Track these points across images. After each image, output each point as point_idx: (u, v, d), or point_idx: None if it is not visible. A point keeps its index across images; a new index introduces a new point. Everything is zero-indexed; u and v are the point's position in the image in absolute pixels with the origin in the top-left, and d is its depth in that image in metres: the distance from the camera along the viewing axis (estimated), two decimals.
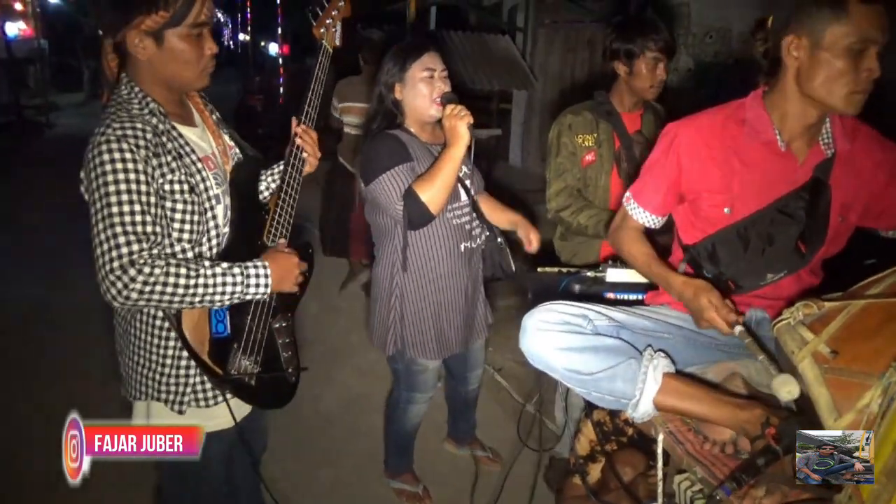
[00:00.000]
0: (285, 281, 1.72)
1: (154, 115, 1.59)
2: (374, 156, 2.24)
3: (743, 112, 1.77)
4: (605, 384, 1.65)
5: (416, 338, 2.42)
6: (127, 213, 1.48)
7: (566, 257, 2.84)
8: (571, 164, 2.67)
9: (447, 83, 2.32)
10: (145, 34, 1.56)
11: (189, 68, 1.63)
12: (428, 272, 2.36)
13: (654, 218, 1.95)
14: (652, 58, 2.53)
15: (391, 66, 2.32)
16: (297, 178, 1.86)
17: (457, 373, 2.84)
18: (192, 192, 1.61)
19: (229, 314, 1.69)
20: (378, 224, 2.38)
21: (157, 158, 1.54)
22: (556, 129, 2.72)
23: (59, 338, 4.13)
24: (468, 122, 2.16)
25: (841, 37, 1.55)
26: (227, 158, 1.79)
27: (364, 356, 4.08)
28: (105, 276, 1.47)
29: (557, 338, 1.65)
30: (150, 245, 1.50)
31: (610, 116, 2.67)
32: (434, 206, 2.17)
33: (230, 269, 1.61)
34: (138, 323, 1.70)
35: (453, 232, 2.36)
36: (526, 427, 2.93)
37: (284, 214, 1.82)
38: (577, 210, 2.64)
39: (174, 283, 1.51)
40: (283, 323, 1.85)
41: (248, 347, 1.73)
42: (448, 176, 2.17)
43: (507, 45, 8.17)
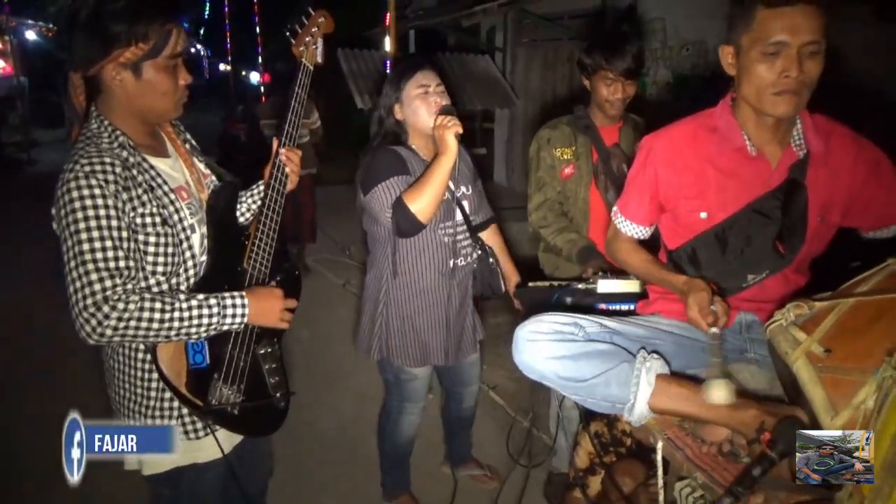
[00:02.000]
0: (266, 316, 1.71)
1: (124, 147, 1.58)
2: (373, 168, 2.29)
3: (713, 120, 1.80)
4: (599, 389, 1.65)
5: (400, 345, 2.47)
6: (98, 249, 1.47)
7: (549, 270, 2.86)
8: (551, 177, 2.70)
9: (445, 97, 2.35)
10: (123, 67, 1.57)
11: (165, 99, 1.64)
12: (414, 283, 2.41)
13: (642, 229, 1.97)
14: (606, 77, 2.57)
15: (388, 89, 2.37)
16: (279, 200, 1.84)
17: (450, 388, 2.84)
18: (165, 224, 1.60)
19: (208, 343, 1.67)
20: (373, 233, 2.44)
21: (128, 192, 1.53)
22: (536, 144, 2.76)
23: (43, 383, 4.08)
24: (456, 131, 2.18)
25: (753, 42, 1.61)
26: (201, 187, 1.78)
27: (358, 380, 4.05)
28: (79, 313, 1.46)
29: (549, 347, 1.65)
30: (124, 280, 1.49)
31: (588, 130, 2.70)
32: (423, 215, 2.19)
33: (206, 300, 1.60)
34: (121, 357, 1.68)
35: (442, 248, 2.40)
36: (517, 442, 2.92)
37: (266, 238, 1.80)
38: (556, 231, 2.68)
39: (149, 318, 1.50)
40: (268, 348, 1.82)
41: (230, 376, 1.71)
42: (436, 185, 2.18)
43: (487, 65, 8.24)
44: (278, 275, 1.86)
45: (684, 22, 6.46)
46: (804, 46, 1.56)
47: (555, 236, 2.67)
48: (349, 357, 4.37)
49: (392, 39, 6.33)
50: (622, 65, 2.54)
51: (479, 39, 9.67)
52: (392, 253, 2.36)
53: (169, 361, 1.62)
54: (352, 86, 7.19)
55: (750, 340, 1.82)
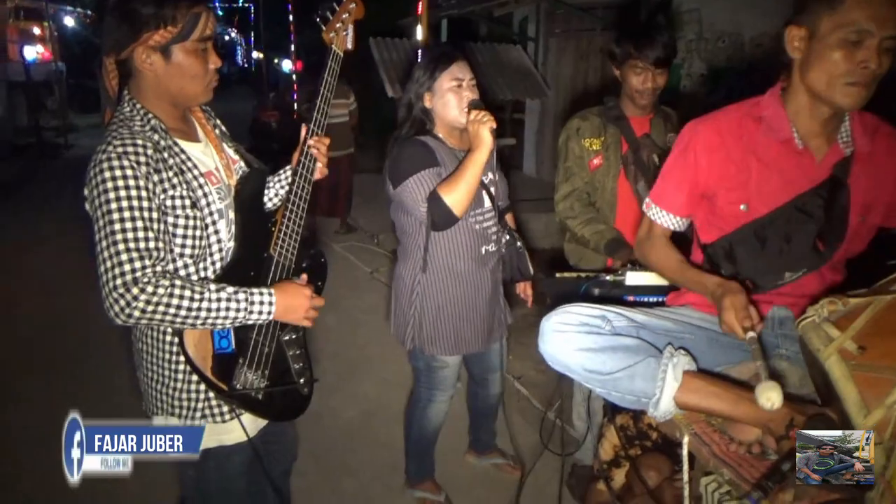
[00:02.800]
0: (292, 313, 1.72)
1: (156, 131, 1.60)
2: (402, 160, 2.30)
3: (760, 109, 1.75)
4: (624, 383, 1.64)
5: (435, 334, 2.47)
6: (129, 229, 1.49)
7: (574, 261, 2.84)
8: (579, 167, 2.68)
9: (475, 91, 2.36)
10: (152, 50, 1.58)
11: (195, 82, 1.65)
12: (448, 272, 2.42)
13: (678, 220, 1.92)
14: (637, 66, 2.54)
15: (421, 76, 2.37)
16: (307, 187, 1.84)
17: (477, 375, 2.84)
18: (194, 208, 1.62)
19: (234, 329, 1.69)
20: (402, 224, 2.44)
21: (159, 174, 1.55)
22: (565, 134, 2.74)
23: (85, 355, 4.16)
24: (491, 126, 2.19)
25: (835, 27, 1.54)
26: (230, 173, 1.79)
27: (383, 367, 4.08)
28: (108, 293, 1.47)
29: (576, 338, 1.64)
30: (154, 262, 1.51)
31: (618, 121, 2.67)
32: (458, 208, 2.21)
33: (235, 294, 1.60)
34: (149, 339, 1.71)
35: (474, 235, 2.41)
36: (547, 433, 2.91)
37: (292, 225, 1.80)
38: (584, 222, 2.65)
39: (177, 304, 1.51)
40: (293, 334, 1.83)
41: (255, 361, 1.72)
42: (471, 180, 2.21)
43: (519, 55, 8.18)
44: (304, 262, 1.86)
45: (720, 13, 6.35)
46: (886, 39, 1.50)
47: (582, 227, 2.65)
48: (375, 344, 4.40)
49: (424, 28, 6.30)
50: (652, 54, 2.50)
51: (511, 29, 9.60)
52: (424, 243, 2.37)
53: (195, 346, 1.64)
54: (383, 74, 7.18)
55: (782, 336, 1.79)
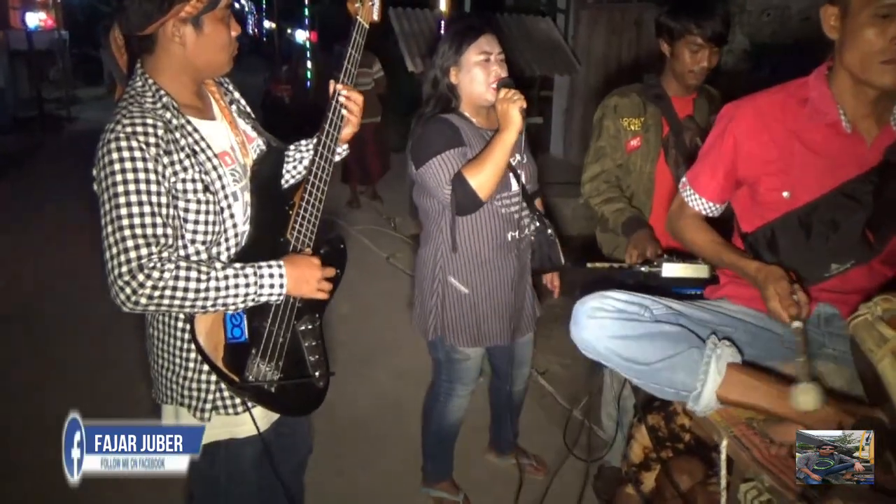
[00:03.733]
0: (304, 285, 1.71)
1: (168, 108, 1.60)
2: (426, 139, 2.30)
3: (805, 91, 1.73)
4: (664, 374, 1.63)
5: (457, 324, 2.47)
6: (136, 214, 1.49)
7: (607, 250, 2.81)
8: (613, 148, 2.66)
9: (504, 67, 2.35)
10: (183, 22, 1.58)
11: (223, 52, 1.66)
12: (472, 258, 2.41)
13: (712, 205, 1.92)
14: (694, 42, 2.49)
15: (446, 50, 2.37)
16: (328, 168, 1.81)
17: (501, 370, 2.84)
18: (207, 191, 1.62)
19: (247, 317, 1.69)
20: (425, 207, 2.44)
21: (169, 156, 1.55)
22: (601, 111, 2.71)
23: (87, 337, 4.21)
24: (521, 106, 2.19)
25: (865, 3, 1.53)
26: (245, 151, 1.79)
27: (400, 357, 4.09)
28: (114, 280, 1.49)
29: (612, 325, 1.63)
30: (161, 248, 1.51)
31: (659, 100, 2.63)
32: (483, 191, 2.21)
33: (242, 269, 1.61)
34: (161, 325, 1.72)
35: (501, 220, 2.40)
36: (573, 434, 2.91)
37: (311, 209, 1.79)
38: (606, 200, 2.63)
39: (184, 287, 1.52)
40: (308, 325, 1.83)
41: (268, 352, 1.72)
42: (499, 161, 2.20)
43: (547, 28, 8.11)
44: (322, 247, 1.86)
45: None
46: None
47: (602, 205, 2.63)
48: (391, 333, 4.41)
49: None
50: (713, 28, 2.45)
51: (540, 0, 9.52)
52: (449, 227, 2.37)
53: (206, 334, 1.64)
54: (403, 47, 7.14)
55: (829, 335, 1.77)
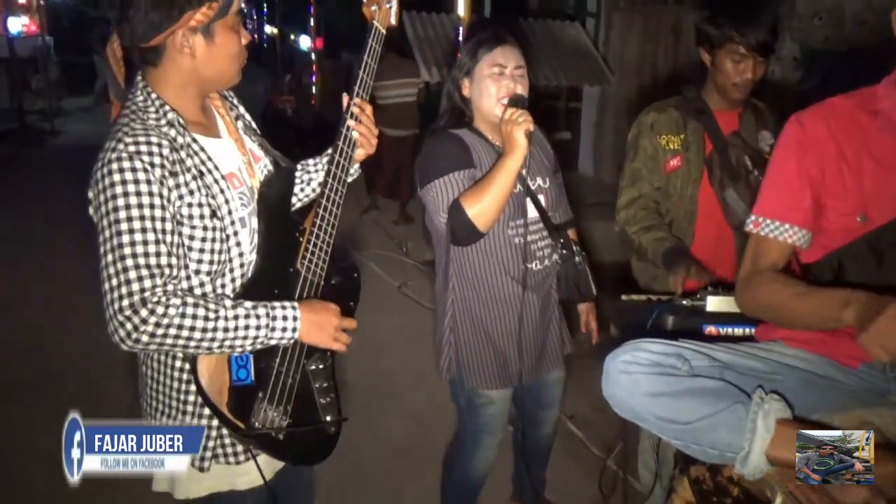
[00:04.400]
0: (319, 332, 1.72)
1: (172, 125, 1.60)
2: (432, 158, 2.31)
3: (875, 102, 1.71)
4: (706, 434, 1.61)
5: (473, 362, 2.45)
6: (139, 242, 1.49)
7: (644, 280, 2.80)
8: (650, 170, 2.65)
9: (522, 84, 2.34)
10: (193, 32, 1.59)
11: (234, 62, 1.68)
12: (484, 292, 2.40)
13: (805, 233, 1.76)
14: (736, 52, 2.48)
15: (462, 59, 2.39)
16: (341, 189, 1.82)
17: (527, 412, 2.79)
18: (214, 217, 1.63)
19: (253, 357, 1.69)
20: (436, 232, 2.43)
21: (175, 178, 1.56)
22: (637, 129, 2.71)
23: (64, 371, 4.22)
24: (526, 129, 2.17)
25: None
26: (252, 172, 1.80)
27: (413, 400, 4.08)
28: (113, 315, 1.48)
29: (647, 381, 1.62)
30: (165, 280, 1.51)
31: (701, 115, 2.63)
32: (482, 222, 2.20)
33: (254, 310, 1.61)
34: (157, 364, 1.72)
35: (515, 251, 2.38)
36: (607, 486, 2.88)
37: (323, 235, 1.80)
38: (644, 228, 2.62)
39: (190, 325, 1.52)
40: (320, 364, 1.84)
41: (276, 396, 1.72)
42: (500, 189, 2.18)
43: (576, 34, 8.17)
44: (334, 277, 1.87)
45: None
46: None
47: (640, 234, 2.62)
48: (404, 373, 4.40)
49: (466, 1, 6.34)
50: (757, 37, 2.45)
51: (568, 2, 9.60)
52: (456, 255, 2.36)
53: (209, 376, 1.64)
54: (418, 55, 7.22)
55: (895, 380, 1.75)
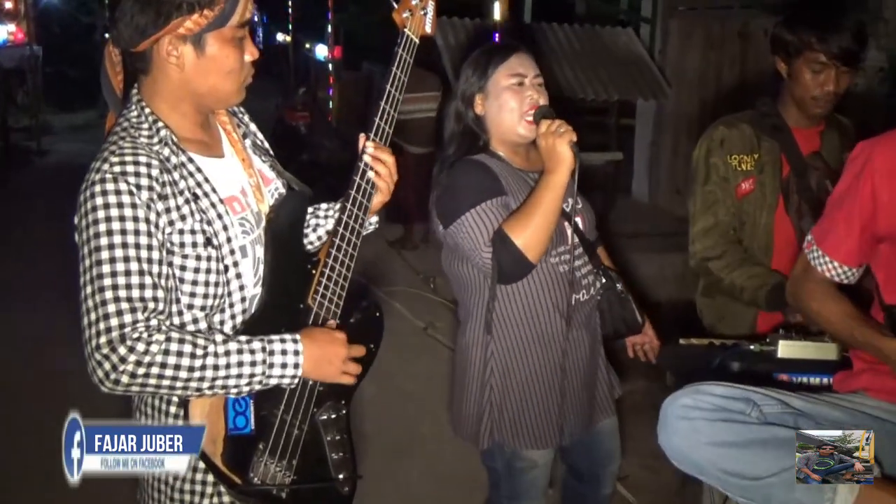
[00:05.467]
0: (326, 366, 1.72)
1: (166, 143, 1.64)
2: (455, 189, 2.29)
3: None
4: (778, 493, 1.61)
5: (521, 423, 2.40)
6: (121, 273, 1.51)
7: (710, 320, 2.79)
8: (724, 192, 2.64)
9: (543, 93, 2.35)
10: (182, 40, 1.62)
11: (230, 80, 1.69)
12: (532, 336, 2.36)
13: (846, 270, 1.91)
14: (816, 61, 2.48)
15: (470, 74, 2.38)
16: (360, 217, 1.85)
17: (583, 470, 2.71)
18: (210, 245, 1.64)
19: (254, 403, 1.69)
20: (461, 276, 2.41)
21: (165, 201, 1.58)
22: (705, 147, 2.70)
23: None
24: (570, 139, 2.17)
25: None
26: (260, 196, 1.82)
27: (439, 455, 4.07)
28: (91, 353, 1.49)
29: (710, 428, 1.63)
30: (148, 314, 1.52)
31: (777, 132, 2.63)
32: (532, 251, 2.19)
33: (248, 344, 1.61)
34: (150, 409, 1.74)
35: (560, 282, 2.36)
36: None
37: (339, 267, 1.81)
38: (733, 264, 2.60)
39: (175, 363, 1.52)
40: (332, 414, 1.83)
41: (280, 448, 1.72)
42: (549, 211, 2.18)
43: (628, 41, 8.21)
44: (353, 315, 1.87)
45: None
46: None
47: (730, 271, 2.59)
48: (429, 423, 4.39)
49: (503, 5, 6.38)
50: (840, 43, 2.45)
51: (619, 6, 9.66)
52: (492, 297, 2.33)
53: (202, 423, 1.65)
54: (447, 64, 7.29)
55: None
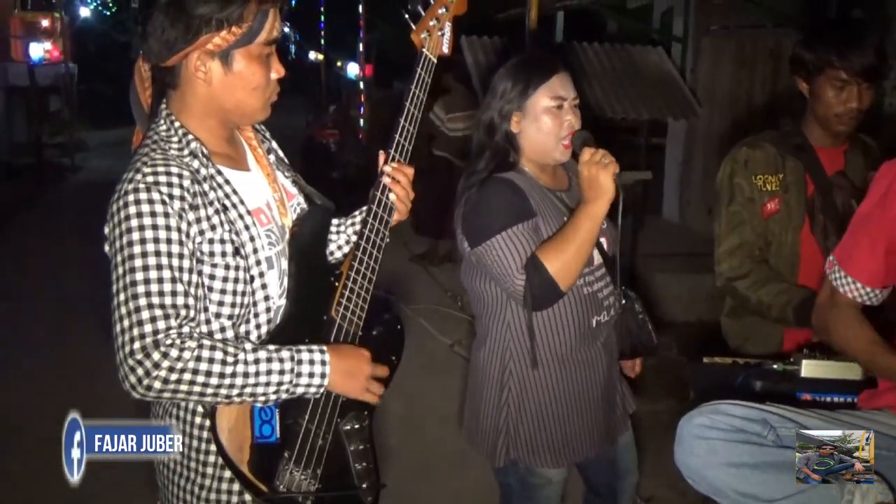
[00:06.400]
0: (350, 381, 1.75)
1: (196, 156, 1.68)
2: (485, 209, 2.29)
3: None
4: None
5: (537, 441, 2.39)
6: (154, 280, 1.55)
7: (736, 341, 2.78)
8: (750, 213, 2.64)
9: (578, 116, 2.34)
10: (209, 56, 1.66)
11: (255, 96, 1.73)
12: (551, 354, 2.36)
13: (869, 291, 1.89)
14: (837, 78, 2.48)
15: (509, 88, 2.35)
16: (383, 231, 1.89)
17: (601, 485, 2.73)
18: (238, 255, 1.68)
19: (279, 412, 1.72)
20: (482, 294, 2.41)
21: (196, 211, 1.62)
22: (729, 167, 2.70)
23: None
24: (614, 171, 2.16)
25: None
26: (284, 210, 1.86)
27: (460, 476, 4.05)
28: (123, 359, 1.53)
29: (726, 449, 1.63)
30: (181, 321, 1.56)
31: (801, 152, 2.63)
32: (565, 280, 2.19)
33: (277, 353, 1.65)
34: (175, 421, 1.76)
35: (585, 303, 2.36)
36: None
37: (362, 280, 1.84)
38: (759, 282, 2.59)
39: (206, 370, 1.56)
40: (356, 424, 1.86)
41: (305, 457, 1.75)
42: (585, 241, 2.19)
43: (659, 60, 8.18)
44: (375, 328, 1.91)
45: None
46: None
47: (756, 289, 2.59)
48: (451, 443, 4.36)
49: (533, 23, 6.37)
50: (861, 61, 2.45)
51: (650, 26, 9.64)
52: (518, 319, 2.34)
53: (229, 431, 1.68)
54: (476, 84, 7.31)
55: None
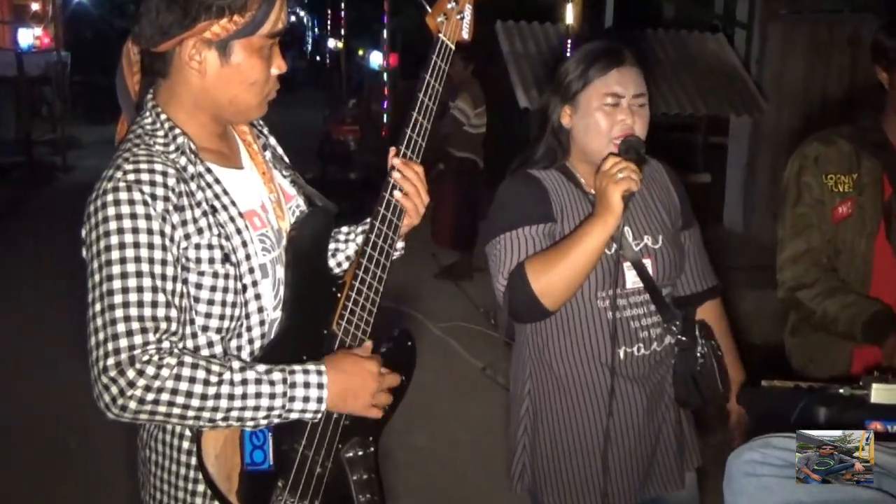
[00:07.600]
0: (353, 399, 1.75)
1: (183, 152, 1.70)
2: (500, 203, 2.32)
3: None
4: None
5: (552, 474, 2.37)
6: (133, 289, 1.56)
7: (799, 363, 2.77)
8: (819, 216, 2.64)
9: (643, 117, 2.29)
10: (206, 45, 1.68)
11: (252, 92, 1.75)
12: (569, 383, 2.34)
13: None
14: None
15: (567, 75, 2.32)
16: (390, 236, 1.88)
17: None
18: (227, 262, 1.69)
19: (273, 436, 1.72)
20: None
21: (181, 213, 1.64)
22: (797, 164, 2.69)
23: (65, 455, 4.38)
24: (626, 188, 2.12)
25: None
26: (281, 212, 1.87)
27: None
28: (97, 376, 1.54)
29: (780, 487, 1.63)
30: (160, 336, 1.57)
31: (879, 150, 2.62)
32: (549, 299, 2.16)
33: (267, 374, 1.64)
34: (161, 446, 1.78)
35: (601, 327, 2.31)
36: None
37: (366, 290, 1.85)
38: (826, 292, 2.58)
39: (186, 390, 1.56)
40: (359, 450, 1.87)
41: (301, 486, 1.76)
42: (580, 260, 2.14)
43: (720, 49, 8.17)
44: (383, 345, 1.92)
45: None
46: None
47: (821, 300, 2.57)
48: (483, 476, 4.38)
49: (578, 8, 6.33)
50: None
51: (711, 10, 9.61)
52: (534, 329, 2.35)
53: (216, 457, 1.69)
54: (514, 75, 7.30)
55: None
